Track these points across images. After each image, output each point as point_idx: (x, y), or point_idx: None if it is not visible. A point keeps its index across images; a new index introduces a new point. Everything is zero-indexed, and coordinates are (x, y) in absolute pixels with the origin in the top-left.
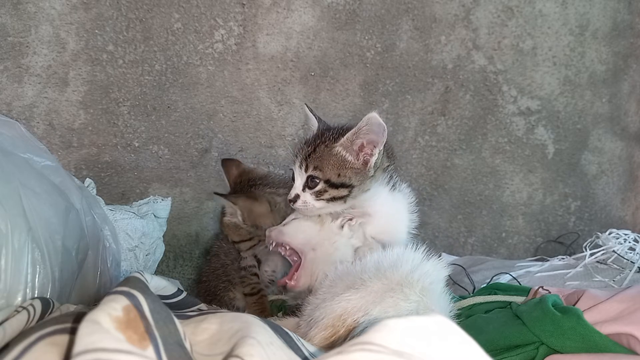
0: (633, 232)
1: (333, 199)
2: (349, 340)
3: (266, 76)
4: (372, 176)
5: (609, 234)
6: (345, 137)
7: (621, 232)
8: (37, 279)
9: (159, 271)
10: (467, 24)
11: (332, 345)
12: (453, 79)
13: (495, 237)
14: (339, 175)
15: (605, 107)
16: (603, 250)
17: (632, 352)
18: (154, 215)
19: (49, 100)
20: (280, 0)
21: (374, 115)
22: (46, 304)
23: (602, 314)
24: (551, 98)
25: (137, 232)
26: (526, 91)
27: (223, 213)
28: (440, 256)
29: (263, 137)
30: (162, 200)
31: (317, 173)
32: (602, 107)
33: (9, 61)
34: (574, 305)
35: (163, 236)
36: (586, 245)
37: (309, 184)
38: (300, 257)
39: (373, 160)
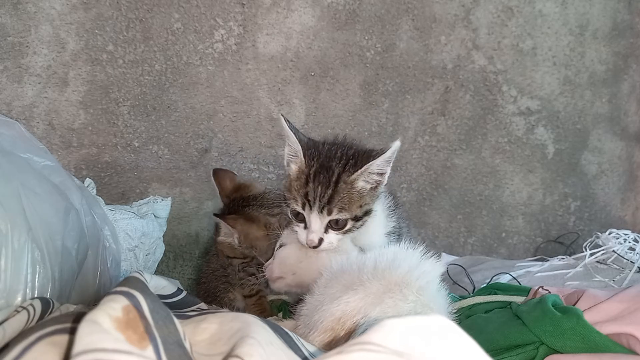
0: (633, 232)
1: (358, 228)
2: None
3: (266, 76)
4: (382, 191)
5: (609, 234)
6: (363, 168)
7: (621, 232)
8: (37, 279)
9: (159, 271)
10: (467, 24)
11: (331, 347)
12: (453, 79)
13: (495, 237)
14: (360, 206)
15: (605, 107)
16: (603, 250)
17: (632, 352)
18: (154, 215)
19: (49, 100)
20: (280, 0)
21: (397, 145)
22: (46, 304)
23: (602, 314)
24: (551, 98)
25: (137, 232)
26: (526, 91)
27: (217, 231)
28: (440, 256)
29: (263, 137)
30: (162, 200)
31: (343, 215)
32: (602, 107)
33: (9, 61)
34: (574, 305)
35: (163, 236)
36: (586, 245)
37: (333, 225)
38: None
39: (385, 179)
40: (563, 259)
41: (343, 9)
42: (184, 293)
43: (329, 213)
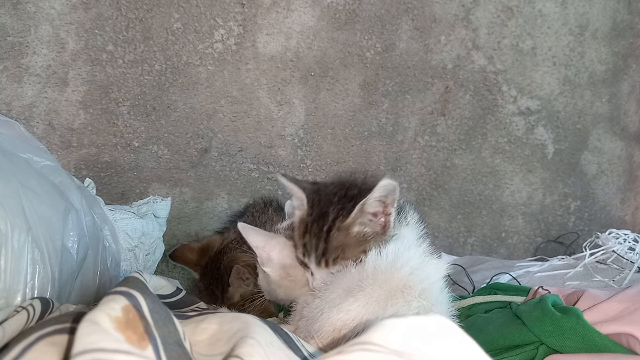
0: (633, 232)
1: None
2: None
3: (266, 76)
4: (392, 234)
5: (609, 234)
6: (355, 211)
7: (621, 232)
8: (36, 279)
9: (159, 271)
10: (467, 24)
11: (331, 348)
12: (453, 79)
13: (495, 237)
14: (364, 251)
15: (605, 107)
16: (603, 250)
17: (632, 352)
18: (154, 215)
19: (49, 100)
20: (280, 0)
21: (387, 183)
22: (46, 303)
23: (602, 314)
24: (551, 98)
25: (137, 232)
26: (526, 91)
27: (223, 301)
28: (440, 256)
29: (263, 137)
30: (162, 200)
31: (342, 264)
32: (602, 107)
33: (9, 61)
34: (573, 305)
35: (163, 236)
36: (586, 245)
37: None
38: None
39: (391, 220)
40: (563, 259)
41: (343, 9)
42: (183, 292)
43: (326, 265)
